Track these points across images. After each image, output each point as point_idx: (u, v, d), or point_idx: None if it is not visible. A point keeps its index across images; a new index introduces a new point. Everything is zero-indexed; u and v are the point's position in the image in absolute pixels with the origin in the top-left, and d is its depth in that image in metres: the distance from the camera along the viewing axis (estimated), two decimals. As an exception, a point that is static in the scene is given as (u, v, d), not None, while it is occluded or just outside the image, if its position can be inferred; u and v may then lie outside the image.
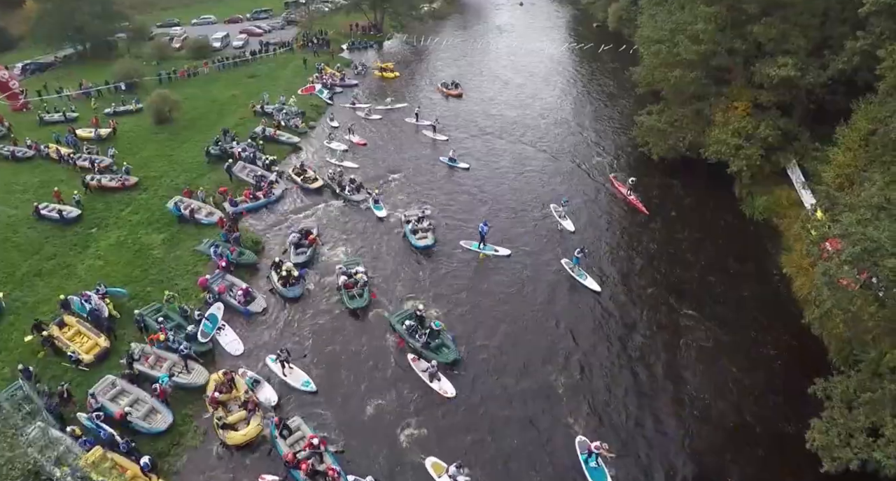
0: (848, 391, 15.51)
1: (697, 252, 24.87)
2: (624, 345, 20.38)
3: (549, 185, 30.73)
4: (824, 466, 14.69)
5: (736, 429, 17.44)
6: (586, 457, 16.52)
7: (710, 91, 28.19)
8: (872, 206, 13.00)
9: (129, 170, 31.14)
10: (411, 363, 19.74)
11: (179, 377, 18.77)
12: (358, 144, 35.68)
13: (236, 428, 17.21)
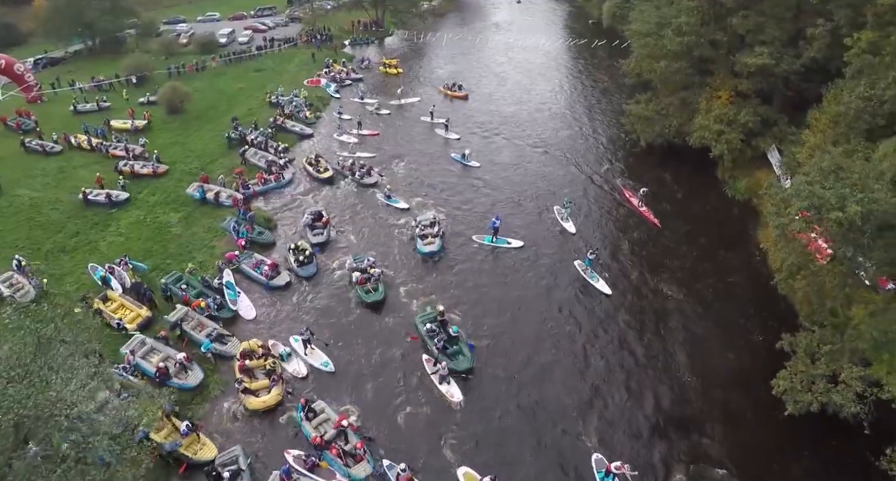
0: (811, 344, 17.11)
1: (686, 235, 26.24)
2: (627, 346, 20.55)
3: (545, 182, 31.46)
4: (788, 409, 16.34)
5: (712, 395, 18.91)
6: (603, 476, 16.07)
7: (695, 81, 29.90)
8: (823, 170, 14.65)
9: (160, 159, 32.90)
10: (424, 363, 19.89)
11: (216, 346, 20.22)
12: (369, 136, 36.94)
13: (257, 395, 18.43)
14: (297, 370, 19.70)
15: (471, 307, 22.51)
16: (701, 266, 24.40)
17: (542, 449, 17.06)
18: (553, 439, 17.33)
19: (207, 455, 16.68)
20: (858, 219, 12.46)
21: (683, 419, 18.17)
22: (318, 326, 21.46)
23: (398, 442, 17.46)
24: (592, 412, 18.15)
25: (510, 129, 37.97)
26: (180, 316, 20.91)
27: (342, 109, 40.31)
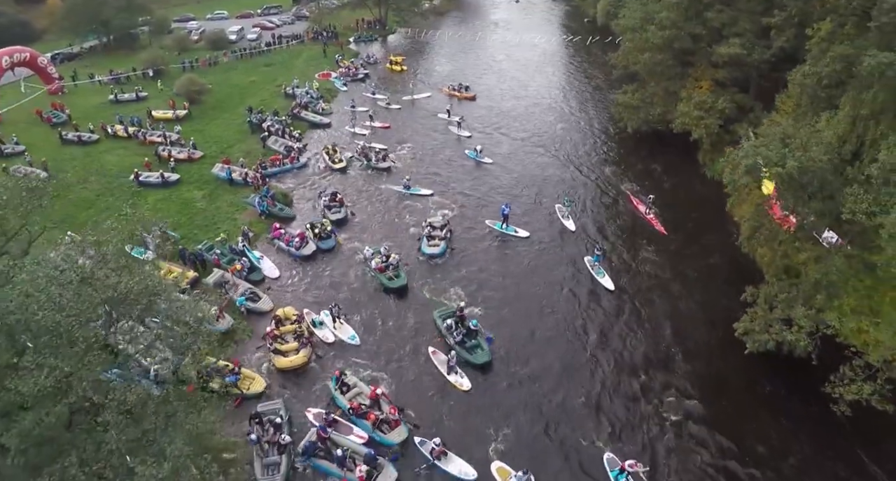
0: (770, 294, 19.52)
1: (672, 217, 28.32)
2: (627, 337, 21.54)
3: (541, 172, 33.18)
4: (747, 348, 18.75)
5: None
6: (617, 474, 16.42)
7: (677, 71, 32.38)
8: (769, 136, 17.07)
9: (196, 145, 35.38)
10: (431, 355, 20.58)
11: (248, 303, 22.62)
12: (381, 128, 38.90)
13: (286, 356, 20.19)
14: (326, 336, 21.49)
15: (477, 291, 23.71)
16: (688, 248, 26.38)
17: (552, 450, 17.49)
18: (563, 435, 17.86)
19: (257, 388, 19.18)
20: (795, 173, 14.86)
21: (662, 366, 20.70)
22: (339, 294, 23.57)
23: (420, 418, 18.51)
24: (600, 399, 19.00)
25: (508, 123, 39.96)
26: (218, 278, 23.39)
27: (355, 103, 42.27)
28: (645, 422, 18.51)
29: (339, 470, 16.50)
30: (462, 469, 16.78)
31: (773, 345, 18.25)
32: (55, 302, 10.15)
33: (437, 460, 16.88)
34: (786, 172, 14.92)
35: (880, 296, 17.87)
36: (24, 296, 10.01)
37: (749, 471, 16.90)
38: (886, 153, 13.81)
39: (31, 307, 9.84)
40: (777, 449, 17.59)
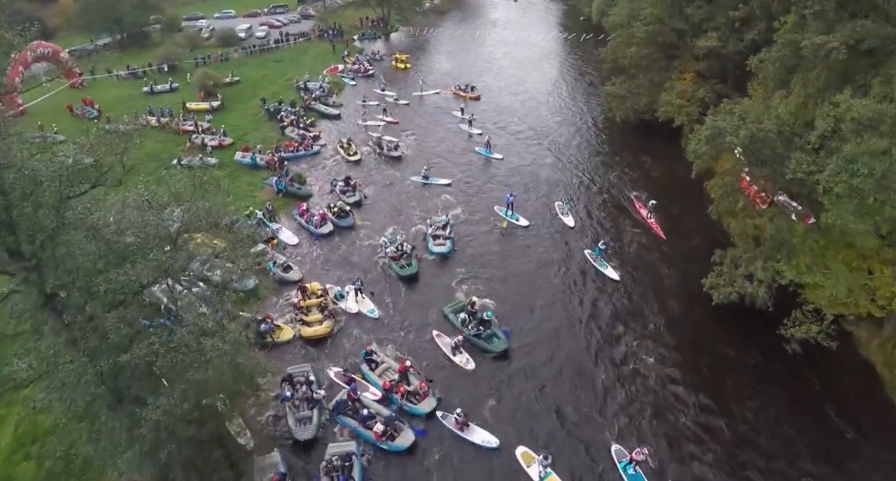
0: (735, 255, 22.21)
1: (657, 201, 30.38)
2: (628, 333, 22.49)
3: (537, 165, 34.93)
4: (714, 300, 21.42)
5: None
6: (625, 465, 16.96)
7: (662, 64, 35.04)
8: (728, 113, 19.76)
9: (226, 133, 37.97)
10: (435, 338, 21.69)
11: (280, 272, 25.20)
12: (392, 123, 40.90)
13: (310, 325, 22.16)
14: (349, 307, 23.46)
15: (482, 278, 25.23)
16: (674, 231, 28.62)
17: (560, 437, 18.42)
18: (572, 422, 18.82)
19: (287, 336, 21.94)
20: (747, 141, 17.48)
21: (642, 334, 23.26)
22: (354, 273, 25.64)
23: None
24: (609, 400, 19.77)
25: (506, 118, 42.01)
26: (259, 251, 25.30)
27: (366, 98, 44.67)
28: (633, 385, 20.42)
29: (361, 427, 18.21)
30: (484, 437, 18.06)
31: (736, 297, 21.00)
32: (139, 222, 12.95)
33: (461, 431, 18.13)
34: (739, 141, 17.57)
35: (832, 254, 20.47)
36: (118, 215, 12.83)
37: (717, 402, 19.58)
38: (822, 122, 16.41)
39: (123, 223, 12.63)
40: (740, 384, 20.34)
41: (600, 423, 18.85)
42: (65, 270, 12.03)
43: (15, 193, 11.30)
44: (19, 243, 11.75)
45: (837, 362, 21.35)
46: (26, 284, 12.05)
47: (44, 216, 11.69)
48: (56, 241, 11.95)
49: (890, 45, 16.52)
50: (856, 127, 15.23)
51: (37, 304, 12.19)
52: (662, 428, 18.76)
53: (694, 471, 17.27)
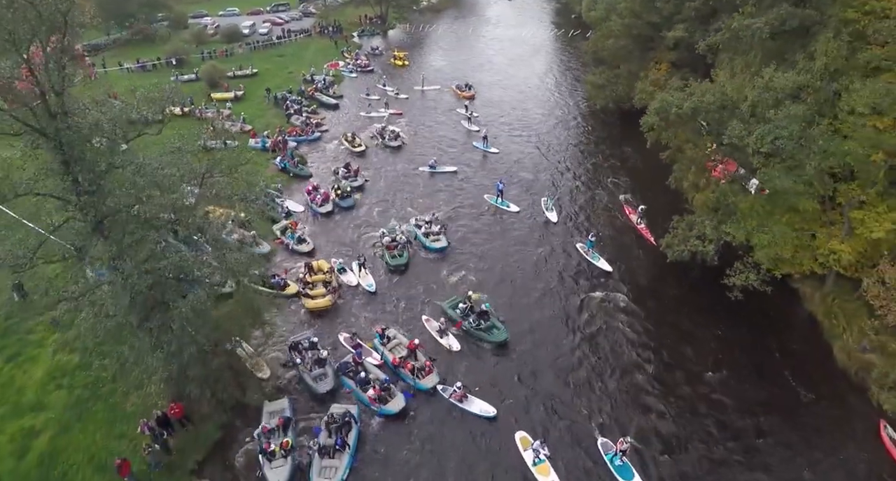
0: (691, 220, 24.71)
1: (633, 186, 33.31)
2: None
3: (524, 160, 36.70)
4: (668, 258, 23.92)
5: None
6: (611, 457, 17.55)
7: (637, 55, 37.57)
8: (676, 89, 22.34)
9: (245, 120, 40.56)
10: (424, 323, 23.02)
11: (294, 244, 27.83)
12: (395, 114, 43.19)
13: (313, 298, 24.08)
14: (350, 280, 25.58)
15: (476, 268, 26.65)
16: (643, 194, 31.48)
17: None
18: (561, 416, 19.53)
19: (292, 291, 24.71)
20: (690, 111, 20.00)
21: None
22: (350, 247, 28.04)
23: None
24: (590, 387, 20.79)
25: (497, 111, 44.10)
26: (282, 226, 29.03)
27: (369, 92, 47.21)
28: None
29: (358, 389, 19.83)
30: (482, 407, 19.37)
31: (688, 254, 23.52)
32: (175, 161, 15.65)
33: (459, 402, 19.41)
34: (683, 111, 20.08)
35: (776, 217, 22.94)
36: (159, 156, 15.59)
37: (672, 345, 22.27)
38: (752, 93, 18.87)
39: (163, 160, 15.35)
40: (693, 325, 23.28)
41: (581, 405, 19.95)
42: (113, 200, 14.71)
43: (78, 135, 13.94)
44: (79, 177, 14.38)
45: (786, 316, 24.04)
46: (81, 211, 14.69)
47: (99, 155, 14.32)
48: (107, 177, 14.59)
49: (812, 26, 19.02)
50: (778, 96, 17.72)
51: (88, 228, 14.80)
52: (632, 391, 20.49)
53: (657, 427, 19.10)
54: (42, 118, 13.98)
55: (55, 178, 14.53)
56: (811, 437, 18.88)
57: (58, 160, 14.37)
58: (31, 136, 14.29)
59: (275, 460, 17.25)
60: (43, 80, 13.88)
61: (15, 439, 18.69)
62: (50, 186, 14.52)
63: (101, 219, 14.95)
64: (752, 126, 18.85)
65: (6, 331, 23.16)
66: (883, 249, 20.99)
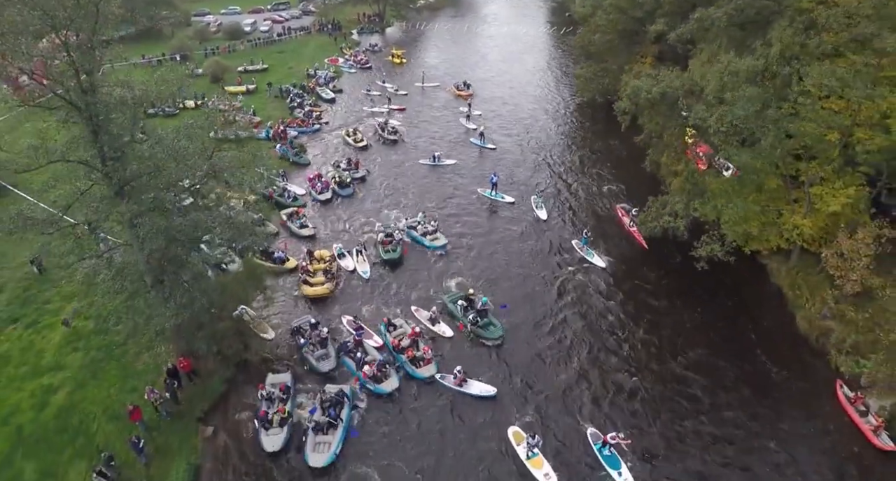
0: (664, 200, 26.36)
1: (614, 170, 35.13)
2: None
3: (516, 153, 38.00)
4: (642, 234, 25.56)
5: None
6: (600, 447, 17.88)
7: (623, 49, 39.23)
8: (648, 76, 23.98)
9: (255, 112, 42.32)
10: (414, 313, 23.64)
11: (297, 227, 29.61)
12: (397, 110, 44.68)
13: (312, 285, 24.96)
14: (347, 265, 26.88)
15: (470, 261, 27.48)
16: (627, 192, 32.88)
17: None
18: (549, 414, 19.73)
19: (291, 265, 26.41)
20: (658, 96, 21.63)
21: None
22: (346, 233, 29.51)
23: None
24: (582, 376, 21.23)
25: (491, 106, 45.46)
26: (291, 212, 30.70)
27: (370, 88, 48.82)
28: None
29: (355, 367, 20.80)
30: (482, 388, 20.07)
31: (660, 230, 25.15)
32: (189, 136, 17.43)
33: (459, 386, 20.02)
34: (652, 96, 21.73)
35: (744, 195, 24.51)
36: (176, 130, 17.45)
37: (658, 331, 23.33)
38: (714, 80, 20.50)
39: (179, 134, 17.16)
40: (666, 293, 25.08)
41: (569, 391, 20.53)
42: (134, 167, 16.54)
43: (105, 110, 15.77)
44: (105, 147, 16.19)
45: (756, 291, 25.63)
46: (106, 177, 16.47)
47: (122, 128, 16.10)
48: (129, 148, 16.39)
49: (771, 16, 20.64)
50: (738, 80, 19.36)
51: (111, 192, 16.57)
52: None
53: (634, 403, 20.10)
54: (75, 94, 15.72)
55: (84, 148, 16.32)
56: (776, 404, 20.13)
57: (88, 131, 16.13)
58: (65, 110, 16.07)
59: (271, 428, 18.29)
60: (78, 60, 15.57)
61: (35, 395, 20.32)
62: (79, 155, 16.30)
63: (124, 184, 16.71)
64: (715, 108, 20.46)
65: (25, 301, 24.85)
66: (841, 223, 22.58)
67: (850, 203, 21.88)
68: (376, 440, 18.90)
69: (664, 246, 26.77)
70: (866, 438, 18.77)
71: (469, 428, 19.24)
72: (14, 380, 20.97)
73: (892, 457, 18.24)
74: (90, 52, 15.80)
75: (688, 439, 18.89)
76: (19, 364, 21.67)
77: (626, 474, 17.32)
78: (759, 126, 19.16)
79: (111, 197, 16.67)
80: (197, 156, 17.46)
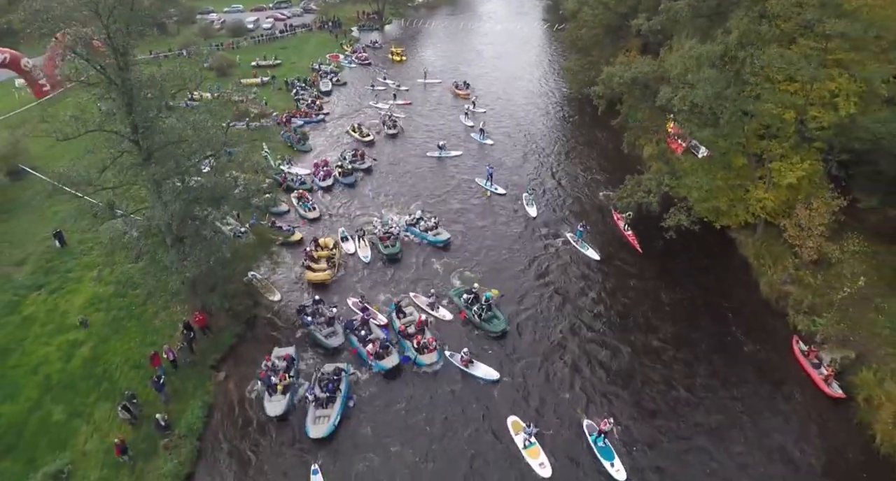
0: (639, 179, 28.36)
1: (597, 156, 37.31)
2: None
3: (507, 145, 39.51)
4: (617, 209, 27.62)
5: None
6: (595, 438, 18.22)
7: (608, 43, 41.34)
8: (621, 63, 26.14)
9: (267, 103, 44.67)
10: (413, 299, 24.48)
11: (303, 211, 31.52)
12: (403, 105, 46.22)
13: (314, 271, 26.06)
14: (349, 248, 28.25)
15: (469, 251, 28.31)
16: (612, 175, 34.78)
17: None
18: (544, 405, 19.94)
19: (296, 238, 28.66)
20: (629, 80, 23.73)
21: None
22: (344, 219, 31.24)
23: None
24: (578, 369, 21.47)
25: (487, 101, 46.92)
26: (298, 194, 32.67)
27: (374, 84, 50.80)
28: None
29: (360, 345, 21.83)
30: (487, 371, 20.87)
31: (634, 205, 27.22)
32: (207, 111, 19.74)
33: (466, 367, 20.88)
34: (624, 80, 23.86)
35: (712, 173, 26.56)
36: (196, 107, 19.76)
37: (638, 295, 25.35)
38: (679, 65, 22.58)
39: (199, 110, 19.38)
40: (639, 261, 26.91)
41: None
42: (160, 138, 18.92)
43: (138, 85, 18.20)
44: (136, 119, 18.48)
45: (726, 262, 27.63)
46: (137, 145, 18.81)
47: (151, 102, 18.51)
48: (156, 120, 18.79)
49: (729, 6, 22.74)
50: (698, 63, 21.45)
51: (139, 159, 18.95)
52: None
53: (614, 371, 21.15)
54: (113, 71, 18.07)
55: (119, 120, 18.79)
56: (741, 362, 21.91)
57: (123, 104, 18.48)
58: (104, 86, 18.43)
59: (275, 395, 19.64)
60: (117, 42, 17.87)
61: (62, 348, 22.39)
62: (114, 126, 18.76)
63: (151, 152, 19.06)
64: (679, 90, 22.55)
65: (48, 270, 26.92)
66: (800, 196, 24.64)
67: (807, 176, 23.94)
68: (374, 414, 19.85)
69: (649, 235, 28.34)
70: (818, 387, 20.77)
71: (467, 414, 19.71)
72: (41, 337, 23.03)
73: (840, 404, 20.18)
74: (126, 37, 18.05)
75: (664, 409, 19.98)
76: (45, 323, 23.73)
77: (619, 465, 17.78)
78: (718, 105, 21.21)
79: (140, 163, 18.91)
80: (215, 129, 19.60)
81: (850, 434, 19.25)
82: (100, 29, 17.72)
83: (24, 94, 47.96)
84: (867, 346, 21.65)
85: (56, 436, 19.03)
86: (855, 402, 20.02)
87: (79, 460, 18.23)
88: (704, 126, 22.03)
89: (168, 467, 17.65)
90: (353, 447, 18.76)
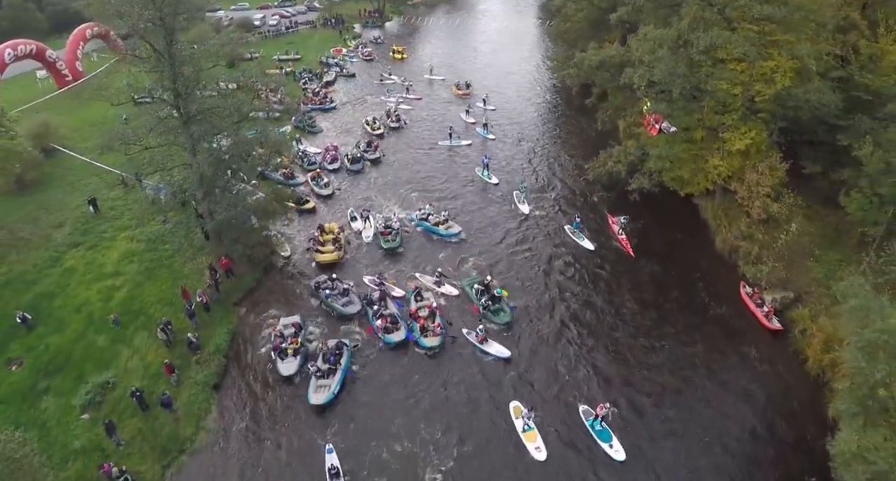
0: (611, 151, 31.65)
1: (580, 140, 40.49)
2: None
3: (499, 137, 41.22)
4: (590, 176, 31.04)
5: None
6: (592, 422, 18.66)
7: (591, 35, 44.70)
8: (593, 49, 29.58)
9: (283, 91, 47.94)
10: (419, 278, 26.18)
11: (317, 187, 34.45)
12: (414, 100, 48.32)
13: (322, 253, 27.73)
14: (357, 227, 30.30)
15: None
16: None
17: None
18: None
19: (310, 206, 32.07)
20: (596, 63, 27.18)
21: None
22: (345, 204, 33.55)
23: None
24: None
25: (482, 95, 48.42)
26: (314, 174, 35.61)
27: (383, 78, 53.49)
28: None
29: (373, 319, 23.43)
30: (499, 349, 22.12)
31: (606, 173, 30.58)
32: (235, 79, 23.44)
33: (481, 344, 22.25)
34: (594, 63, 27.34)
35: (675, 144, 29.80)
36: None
37: (631, 284, 28.12)
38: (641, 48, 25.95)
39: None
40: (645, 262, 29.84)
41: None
42: (198, 104, 22.84)
43: (181, 60, 22.11)
44: (178, 89, 22.22)
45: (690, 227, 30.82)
46: (178, 110, 22.60)
47: (191, 76, 22.37)
48: (194, 90, 22.59)
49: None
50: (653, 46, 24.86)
51: (180, 122, 22.81)
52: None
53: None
54: (162, 47, 22.04)
55: (164, 88, 22.88)
56: (703, 309, 25.02)
57: (170, 74, 22.32)
58: (155, 59, 22.48)
59: (286, 357, 21.46)
60: (168, 23, 21.71)
61: (101, 292, 25.73)
62: (159, 94, 22.95)
63: (190, 116, 22.98)
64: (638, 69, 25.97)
65: (84, 232, 30.19)
66: (749, 163, 27.98)
67: (754, 143, 27.27)
68: (376, 387, 21.20)
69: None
70: (760, 322, 24.11)
71: (469, 394, 20.71)
72: (82, 284, 26.34)
73: (778, 336, 23.53)
74: (174, 20, 22.09)
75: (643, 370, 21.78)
76: (85, 273, 27.04)
77: (618, 445, 18.37)
78: (671, 82, 24.63)
79: (180, 125, 22.62)
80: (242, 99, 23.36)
81: (786, 359, 22.58)
82: (154, 11, 21.32)
83: (47, 84, 51.39)
84: (805, 289, 24.96)
85: (100, 358, 22.36)
86: (792, 334, 23.31)
87: (121, 375, 21.58)
88: (661, 101, 25.39)
89: (200, 376, 21.10)
90: (351, 417, 19.97)
